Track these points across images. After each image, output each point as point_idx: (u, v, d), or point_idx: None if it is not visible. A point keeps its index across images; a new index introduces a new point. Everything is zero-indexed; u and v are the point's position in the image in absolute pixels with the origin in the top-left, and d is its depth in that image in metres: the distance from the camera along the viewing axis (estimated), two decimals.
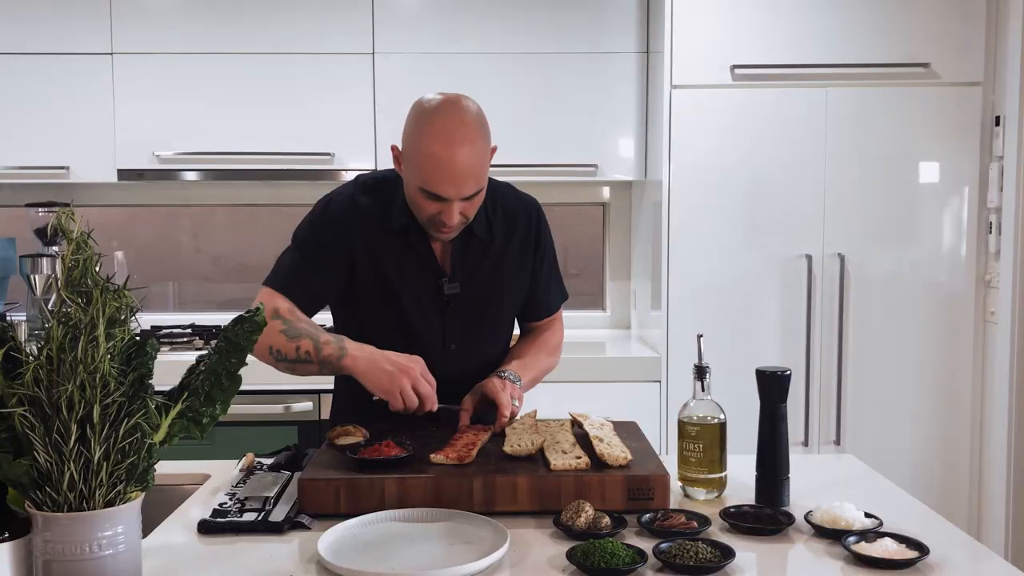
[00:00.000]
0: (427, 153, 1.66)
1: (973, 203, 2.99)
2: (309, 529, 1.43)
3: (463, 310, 1.85)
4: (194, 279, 3.81)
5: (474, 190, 1.69)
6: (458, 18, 3.20)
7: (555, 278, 2.01)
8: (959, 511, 3.00)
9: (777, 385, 1.54)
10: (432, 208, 1.70)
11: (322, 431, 2.78)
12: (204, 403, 1.18)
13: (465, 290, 1.84)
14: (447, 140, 1.65)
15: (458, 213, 1.70)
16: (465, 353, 1.86)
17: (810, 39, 2.96)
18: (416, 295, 1.83)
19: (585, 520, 1.38)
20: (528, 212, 1.93)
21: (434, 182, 1.66)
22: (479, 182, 1.70)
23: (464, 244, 1.84)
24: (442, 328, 1.85)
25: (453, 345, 1.86)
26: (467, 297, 1.84)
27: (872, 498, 1.58)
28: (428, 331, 1.84)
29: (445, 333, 1.85)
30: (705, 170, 2.98)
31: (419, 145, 1.67)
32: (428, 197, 1.69)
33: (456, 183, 1.66)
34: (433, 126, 1.67)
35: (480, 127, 1.70)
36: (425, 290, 1.83)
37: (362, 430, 1.69)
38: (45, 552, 1.08)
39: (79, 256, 1.10)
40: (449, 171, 1.65)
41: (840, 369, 3.00)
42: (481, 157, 1.69)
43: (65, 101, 3.19)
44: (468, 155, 1.65)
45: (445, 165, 1.65)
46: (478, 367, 1.88)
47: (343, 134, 3.22)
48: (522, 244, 1.90)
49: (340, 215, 1.82)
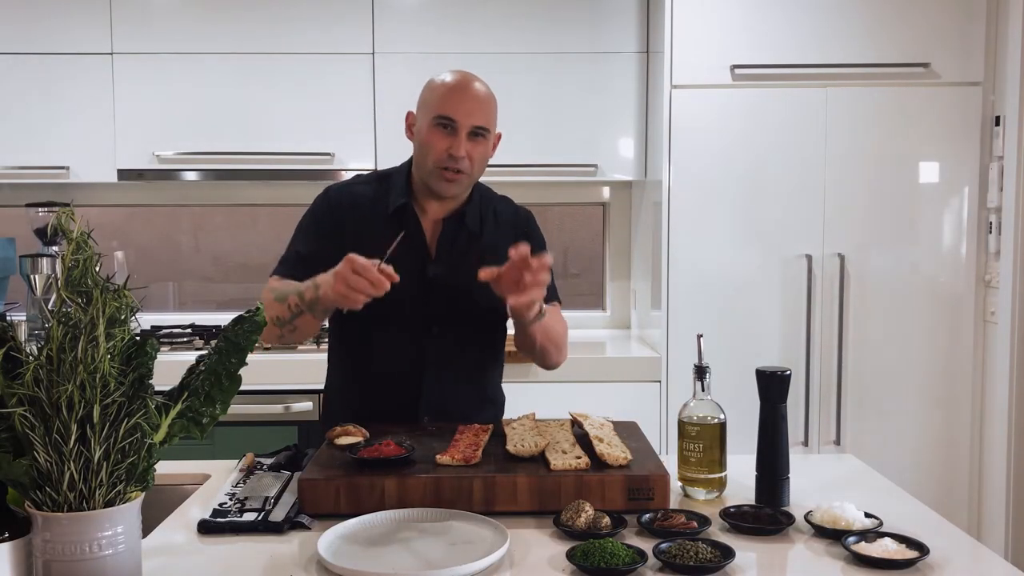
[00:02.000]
0: (441, 83, 1.84)
1: (973, 203, 2.99)
2: (309, 529, 1.43)
3: (446, 294, 1.89)
4: (194, 279, 3.81)
5: (483, 122, 1.81)
6: (458, 18, 3.21)
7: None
8: (959, 511, 3.00)
9: (777, 385, 1.54)
10: (442, 143, 1.80)
11: (322, 431, 2.78)
12: (204, 403, 1.18)
13: (449, 274, 1.89)
14: (463, 75, 1.85)
15: (465, 151, 1.80)
16: (448, 337, 1.90)
17: (810, 39, 2.96)
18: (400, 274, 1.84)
19: (585, 520, 1.38)
20: (520, 216, 2.01)
21: (446, 104, 1.80)
22: (487, 119, 1.83)
23: (454, 232, 1.90)
24: (424, 310, 1.88)
25: (435, 328, 1.89)
26: (450, 282, 1.88)
27: (872, 498, 1.58)
28: (411, 312, 1.88)
29: (427, 315, 1.88)
30: (705, 170, 2.98)
31: (434, 84, 1.85)
32: (440, 127, 1.80)
33: (467, 105, 1.80)
34: (448, 73, 1.87)
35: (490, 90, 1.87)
36: (410, 271, 1.86)
37: (362, 430, 1.70)
38: (45, 552, 1.08)
39: (79, 256, 1.10)
40: (461, 93, 1.81)
41: (840, 369, 3.00)
42: (491, 99, 1.85)
43: (65, 101, 3.19)
44: (480, 87, 1.84)
45: (458, 88, 1.82)
46: (462, 355, 1.92)
47: (343, 134, 3.22)
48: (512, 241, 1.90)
49: (336, 199, 1.94)
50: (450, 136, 1.80)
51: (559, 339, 1.94)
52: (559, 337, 1.94)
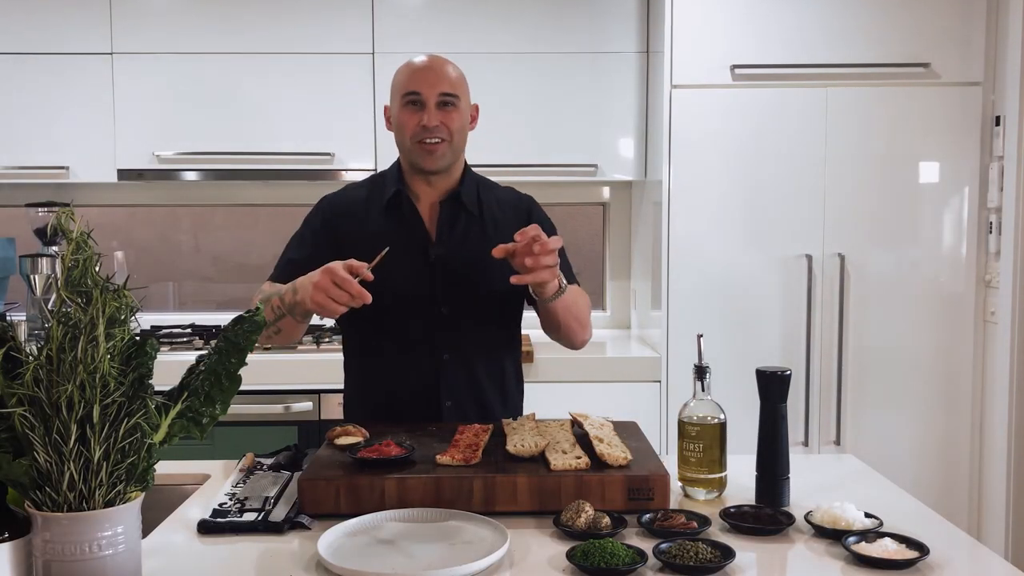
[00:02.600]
0: (406, 65, 1.90)
1: (973, 203, 2.99)
2: (309, 529, 1.43)
3: (452, 274, 1.90)
4: (194, 279, 3.81)
5: (448, 89, 1.85)
6: (458, 18, 3.21)
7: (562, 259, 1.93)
8: (959, 511, 3.00)
9: (777, 385, 1.54)
10: (413, 119, 1.85)
11: (322, 431, 2.79)
12: (204, 403, 1.18)
13: (452, 254, 1.90)
14: (424, 55, 1.92)
15: (439, 120, 1.84)
16: (459, 317, 1.90)
17: (810, 39, 2.96)
18: (403, 262, 1.86)
19: (585, 520, 1.38)
20: (522, 200, 2.03)
21: (411, 80, 1.86)
22: (454, 87, 1.87)
23: (452, 213, 1.92)
24: (431, 291, 1.89)
25: (445, 309, 1.89)
26: (455, 261, 1.90)
27: (872, 498, 1.58)
28: (418, 295, 1.89)
29: (435, 296, 1.89)
30: (705, 170, 2.98)
31: (400, 68, 1.91)
32: (409, 104, 1.85)
33: (430, 78, 1.85)
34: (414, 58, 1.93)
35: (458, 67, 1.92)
36: (413, 255, 1.89)
37: (362, 430, 1.70)
38: (45, 552, 1.08)
39: (79, 256, 1.10)
40: (424, 69, 1.87)
41: (840, 369, 3.00)
42: (457, 72, 1.90)
43: (65, 101, 3.19)
44: (443, 63, 1.89)
45: (421, 67, 1.88)
46: (476, 335, 1.92)
47: (343, 134, 3.22)
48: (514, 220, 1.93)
49: (330, 204, 1.98)
50: (420, 111, 1.84)
51: (582, 316, 1.92)
52: (582, 314, 1.92)
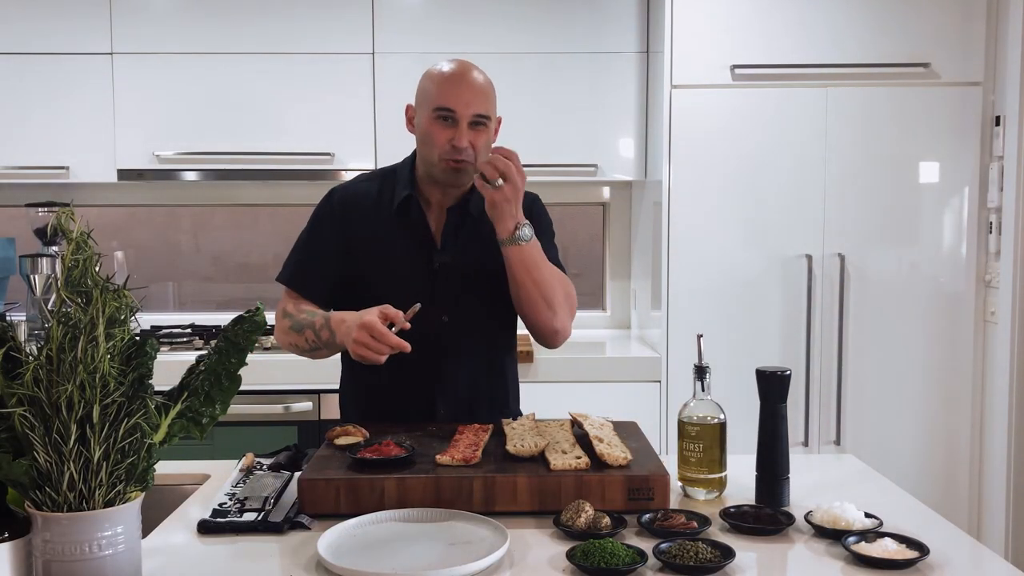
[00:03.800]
0: (439, 74, 1.84)
1: (973, 203, 2.99)
2: (309, 529, 1.43)
3: (453, 281, 1.89)
4: (194, 279, 3.81)
5: (482, 110, 1.81)
6: (458, 18, 3.21)
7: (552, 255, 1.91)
8: (959, 511, 3.00)
9: (777, 385, 1.54)
10: (444, 135, 1.80)
11: (322, 431, 2.79)
12: (204, 403, 1.18)
13: (455, 261, 1.89)
14: (458, 64, 1.85)
15: (467, 140, 1.79)
16: (458, 325, 1.89)
17: (810, 39, 2.96)
18: (407, 267, 1.88)
19: (585, 520, 1.38)
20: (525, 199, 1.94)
21: (445, 96, 1.80)
22: (487, 107, 1.82)
23: (458, 220, 1.91)
24: (432, 299, 1.87)
25: (445, 317, 1.89)
26: (457, 268, 1.89)
27: (872, 498, 1.58)
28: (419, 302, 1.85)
29: (436, 304, 1.87)
30: (705, 170, 2.98)
31: (431, 76, 1.85)
32: (440, 119, 1.80)
33: (466, 96, 1.79)
34: (444, 63, 1.87)
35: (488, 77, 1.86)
36: (416, 262, 1.89)
37: (362, 430, 1.70)
38: (45, 552, 1.08)
39: (79, 256, 1.10)
40: (459, 84, 1.81)
41: (840, 369, 3.00)
42: (490, 87, 1.84)
43: (65, 101, 3.19)
44: (478, 76, 1.83)
45: (456, 79, 1.82)
46: (474, 341, 1.92)
47: (343, 134, 3.22)
48: None
49: (340, 200, 1.94)
50: (451, 127, 1.80)
51: (550, 295, 1.80)
52: (550, 293, 1.80)
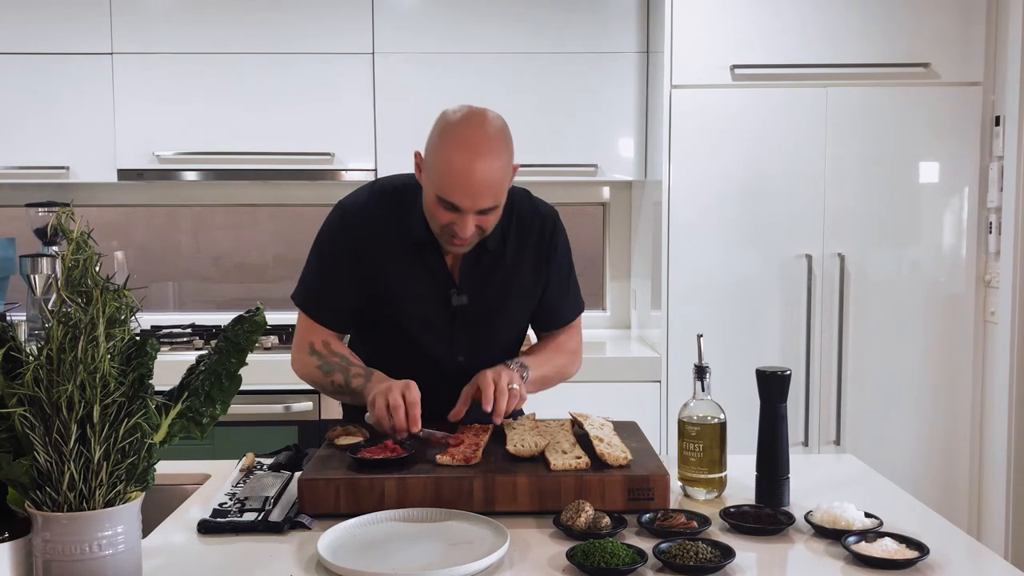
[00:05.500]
0: (446, 160, 1.64)
1: (973, 203, 2.99)
2: (309, 529, 1.43)
3: (471, 322, 1.84)
4: (194, 279, 3.81)
5: (490, 204, 1.67)
6: (458, 18, 3.20)
7: (570, 288, 1.96)
8: (959, 511, 3.00)
9: (777, 385, 1.54)
10: (446, 218, 1.68)
11: (322, 431, 2.79)
12: (204, 403, 1.18)
13: (473, 301, 1.83)
14: (468, 149, 1.63)
15: (472, 226, 1.68)
16: (475, 365, 1.80)
17: (810, 39, 2.96)
18: (424, 307, 1.82)
19: (585, 520, 1.38)
20: (543, 222, 1.90)
21: (450, 191, 1.64)
22: (497, 197, 1.68)
23: (476, 257, 1.82)
24: (450, 340, 1.84)
25: (462, 357, 1.85)
26: (475, 309, 1.83)
27: (872, 498, 1.58)
28: (436, 343, 1.84)
29: (453, 345, 1.84)
30: (705, 170, 2.98)
31: (440, 152, 1.66)
32: (444, 206, 1.67)
33: (472, 194, 1.64)
34: (456, 135, 1.66)
35: (503, 143, 1.69)
36: (434, 302, 1.82)
37: (362, 430, 1.70)
38: (45, 552, 1.08)
39: (79, 256, 1.10)
40: (466, 181, 1.63)
41: (840, 369, 3.00)
42: (501, 173, 1.67)
43: (65, 101, 3.19)
44: (488, 168, 1.64)
45: (463, 174, 1.63)
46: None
47: (343, 134, 3.22)
48: (535, 252, 1.87)
49: (354, 226, 1.82)
50: (455, 213, 1.67)
51: (562, 370, 1.95)
52: (561, 369, 1.94)
